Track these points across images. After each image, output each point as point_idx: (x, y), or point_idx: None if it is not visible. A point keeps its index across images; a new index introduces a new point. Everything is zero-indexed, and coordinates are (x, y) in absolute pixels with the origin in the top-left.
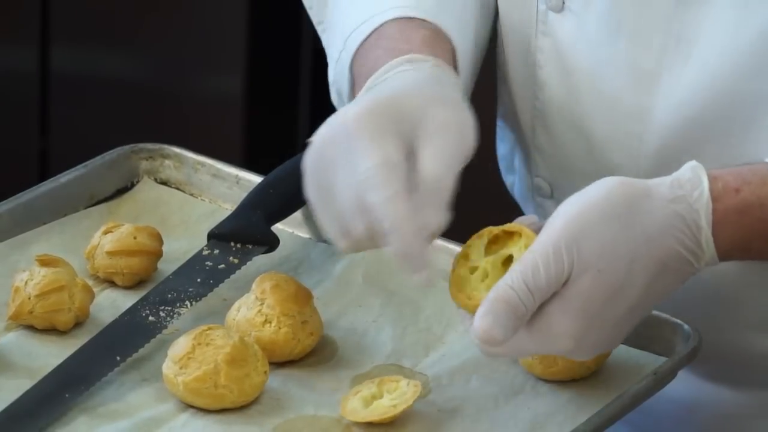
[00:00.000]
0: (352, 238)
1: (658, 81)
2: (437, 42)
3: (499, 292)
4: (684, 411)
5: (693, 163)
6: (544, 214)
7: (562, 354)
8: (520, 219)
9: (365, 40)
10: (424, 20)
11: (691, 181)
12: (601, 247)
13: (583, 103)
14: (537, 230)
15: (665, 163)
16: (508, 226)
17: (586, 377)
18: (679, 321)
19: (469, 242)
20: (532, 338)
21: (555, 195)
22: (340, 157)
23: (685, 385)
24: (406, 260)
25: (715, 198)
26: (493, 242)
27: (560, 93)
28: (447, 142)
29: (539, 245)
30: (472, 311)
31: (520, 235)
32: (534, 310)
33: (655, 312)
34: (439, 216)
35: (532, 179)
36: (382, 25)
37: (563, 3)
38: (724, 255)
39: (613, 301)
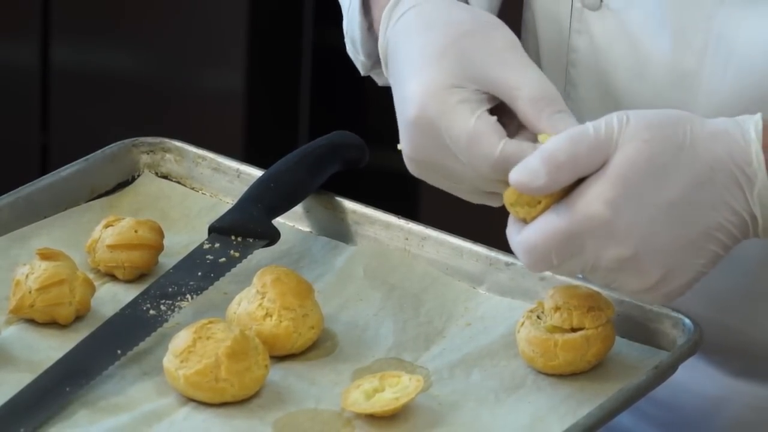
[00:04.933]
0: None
1: (699, 80)
2: None
3: (544, 144)
4: (710, 406)
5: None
6: None
7: (594, 228)
8: None
9: None
10: None
11: (746, 116)
12: (651, 123)
13: (620, 102)
14: None
15: None
16: None
17: (587, 371)
18: (680, 315)
19: None
20: (568, 205)
21: None
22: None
23: (712, 381)
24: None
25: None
26: None
27: (594, 92)
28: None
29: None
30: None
31: None
32: (576, 169)
33: (655, 306)
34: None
35: None
36: None
37: (601, 1)
38: None
39: (656, 179)
